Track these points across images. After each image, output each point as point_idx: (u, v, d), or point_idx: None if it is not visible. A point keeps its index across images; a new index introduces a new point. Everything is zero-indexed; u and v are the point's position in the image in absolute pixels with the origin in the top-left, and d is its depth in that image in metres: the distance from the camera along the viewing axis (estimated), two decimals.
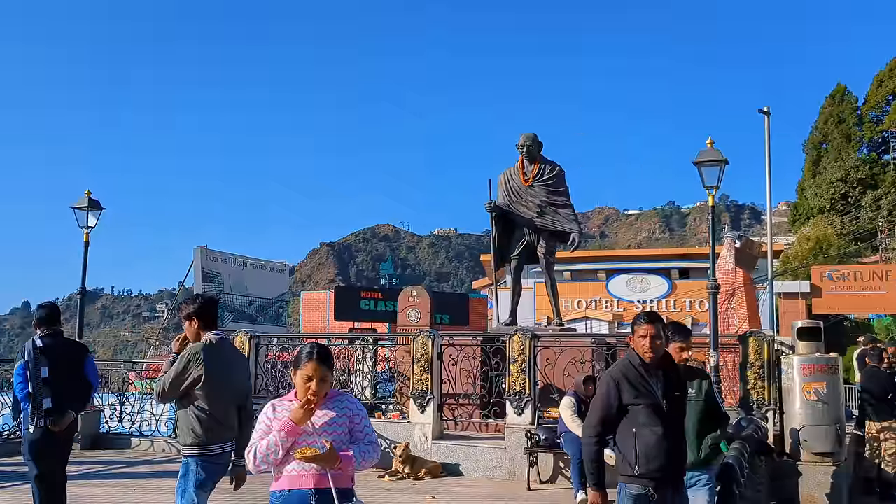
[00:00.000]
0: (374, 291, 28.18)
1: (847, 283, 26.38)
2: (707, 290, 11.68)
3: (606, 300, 31.47)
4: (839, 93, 52.30)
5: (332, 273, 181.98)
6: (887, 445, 9.91)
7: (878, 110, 51.79)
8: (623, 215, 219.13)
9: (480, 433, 11.26)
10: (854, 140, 50.81)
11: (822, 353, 9.32)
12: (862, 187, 48.02)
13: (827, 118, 51.92)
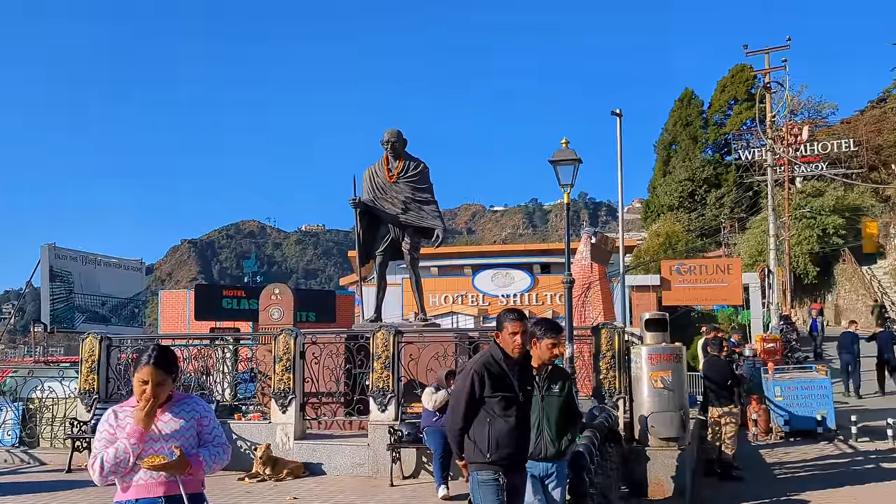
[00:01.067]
0: (237, 290, 27.49)
1: (693, 276, 27.89)
2: (563, 284, 12.09)
3: (472, 295, 32.02)
4: (687, 97, 55.47)
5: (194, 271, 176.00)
6: (727, 429, 10.60)
7: (722, 114, 55.34)
8: (489, 212, 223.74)
9: (344, 431, 11.20)
10: (700, 142, 54.02)
11: (668, 343, 9.86)
12: (707, 186, 51.16)
13: (676, 121, 54.96)
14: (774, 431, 13.59)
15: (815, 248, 37.80)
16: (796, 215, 37.96)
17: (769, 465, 11.59)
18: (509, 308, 4.93)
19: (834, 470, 11.08)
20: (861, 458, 11.71)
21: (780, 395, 13.58)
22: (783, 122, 35.11)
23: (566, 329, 11.04)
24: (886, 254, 38.81)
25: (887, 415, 13.50)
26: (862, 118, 49.57)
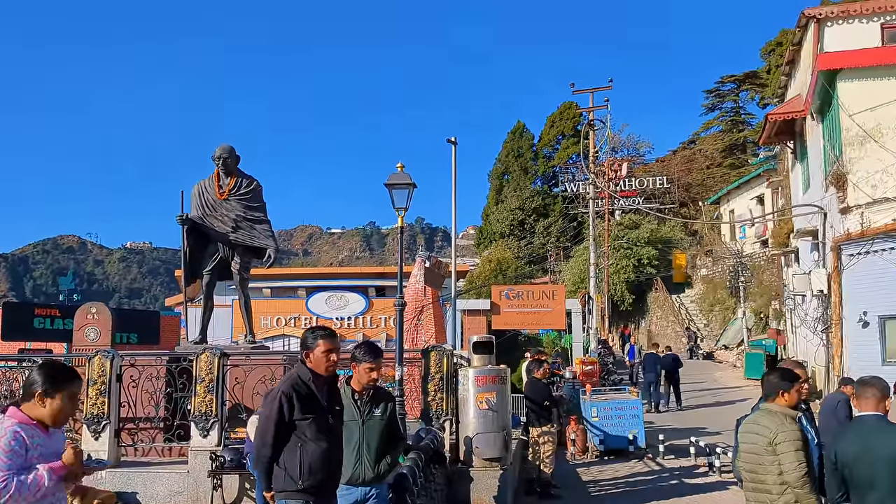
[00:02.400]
0: (51, 308, 25.50)
1: (521, 301, 28.87)
2: (395, 307, 12.19)
3: (306, 317, 31.52)
4: (519, 130, 57.85)
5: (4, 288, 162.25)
6: (545, 448, 11.06)
7: (551, 148, 58.13)
8: (326, 234, 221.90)
9: (163, 458, 10.66)
10: (530, 173, 56.41)
11: (494, 365, 10.20)
12: (536, 215, 53.45)
13: (508, 152, 57.14)
14: (591, 450, 14.30)
15: (631, 276, 40.40)
16: (615, 246, 40.41)
17: (585, 484, 12.18)
18: (317, 326, 4.83)
19: (643, 487, 11.82)
20: (667, 475, 12.56)
21: (597, 416, 14.35)
22: (605, 158, 37.36)
23: (396, 352, 11.15)
24: (693, 283, 42.08)
25: (691, 434, 14.61)
26: (674, 157, 53.74)
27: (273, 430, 4.37)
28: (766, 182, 35.08)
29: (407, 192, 11.83)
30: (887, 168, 15.44)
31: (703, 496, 10.89)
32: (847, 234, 16.20)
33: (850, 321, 15.97)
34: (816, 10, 20.45)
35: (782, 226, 26.17)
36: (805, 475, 5.03)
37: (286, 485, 4.37)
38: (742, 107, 55.85)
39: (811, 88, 18.61)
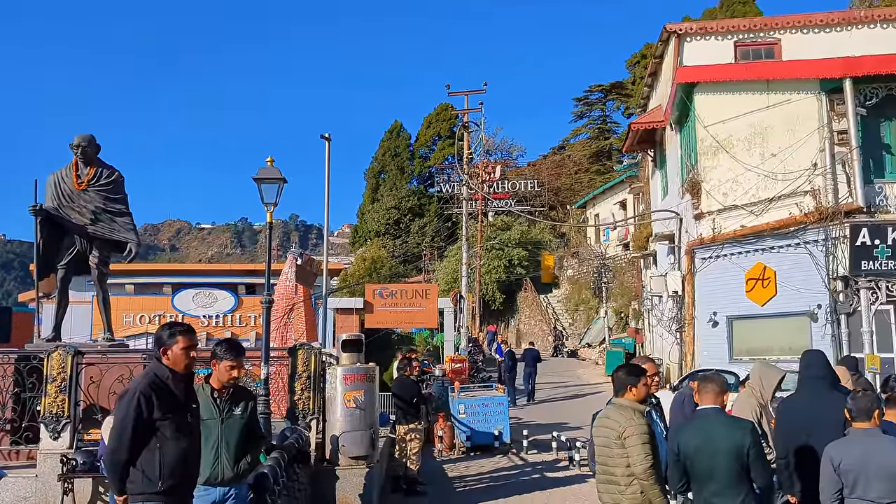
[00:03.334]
0: None
1: (395, 299, 28.92)
2: (262, 305, 11.98)
3: (171, 315, 30.39)
4: (396, 129, 58.02)
5: None
6: (412, 445, 11.19)
7: (427, 148, 58.61)
8: (195, 229, 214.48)
9: (9, 462, 10.05)
10: (407, 173, 56.70)
11: (362, 363, 10.21)
12: (412, 215, 53.77)
13: (385, 151, 57.21)
14: (457, 447, 14.56)
15: (502, 276, 41.35)
16: (487, 246, 41.24)
17: (451, 479, 12.38)
18: (174, 322, 4.69)
19: (506, 481, 12.13)
20: (529, 469, 12.96)
21: (464, 413, 14.62)
22: (479, 160, 38.07)
23: (262, 350, 10.96)
24: (560, 284, 43.52)
25: (553, 429, 15.12)
26: (545, 162, 55.39)
27: (130, 430, 4.18)
28: (629, 188, 36.76)
29: (277, 186, 11.63)
30: (737, 177, 16.50)
31: (563, 489, 11.30)
32: (700, 239, 17.22)
33: (701, 321, 16.99)
34: (677, 26, 21.61)
35: (642, 230, 27.50)
36: (651, 467, 5.31)
37: (145, 487, 4.21)
38: (609, 115, 58.24)
39: (671, 100, 19.66)
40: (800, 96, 15.37)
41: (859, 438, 5.29)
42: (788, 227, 15.14)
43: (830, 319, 14.30)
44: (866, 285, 13.91)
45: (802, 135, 15.16)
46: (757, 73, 16.95)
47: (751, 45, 21.05)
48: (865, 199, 13.99)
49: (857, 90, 14.18)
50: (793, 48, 20.34)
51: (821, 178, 14.65)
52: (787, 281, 15.16)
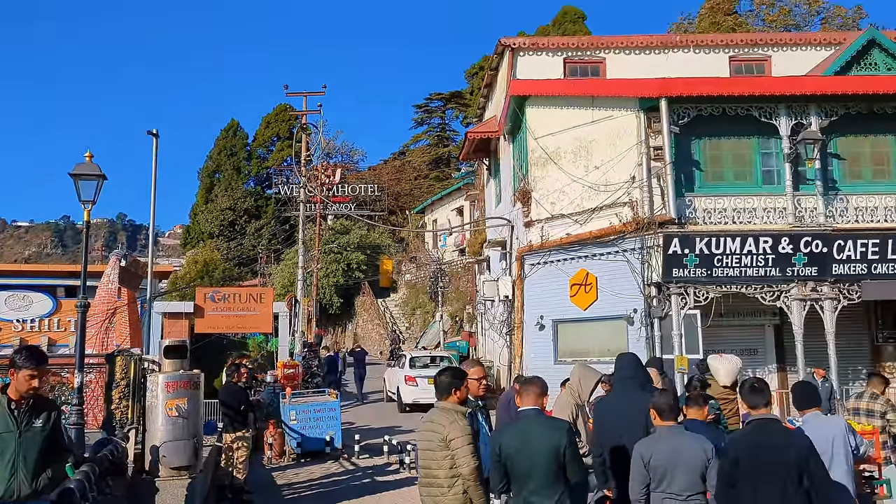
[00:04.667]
0: None
1: (228, 303, 27.90)
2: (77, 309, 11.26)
3: None
4: (233, 128, 56.34)
5: None
6: (239, 454, 10.88)
7: (265, 148, 57.33)
8: (11, 227, 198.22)
9: None
10: (243, 173, 55.19)
11: (187, 370, 9.80)
12: (248, 217, 52.38)
13: (221, 150, 55.40)
14: (288, 454, 14.30)
15: (340, 280, 41.09)
16: (325, 250, 40.84)
17: (280, 487, 12.15)
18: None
19: (336, 487, 12.06)
20: (360, 474, 12.94)
21: (295, 419, 14.39)
22: (319, 163, 37.65)
23: (77, 357, 10.30)
24: (398, 288, 43.84)
25: (386, 432, 15.19)
26: (386, 167, 55.67)
27: None
28: (466, 195, 37.63)
29: (96, 183, 10.98)
30: (564, 188, 17.24)
31: (393, 492, 11.37)
32: (529, 246, 17.87)
33: (529, 324, 17.62)
34: (512, 40, 22.38)
35: (477, 236, 28.24)
36: (476, 468, 5.45)
37: None
38: (448, 123, 59.42)
39: (504, 111, 20.31)
40: (621, 113, 16.28)
41: (666, 436, 5.66)
42: (609, 236, 15.99)
43: (645, 323, 15.24)
44: (677, 291, 14.94)
45: (623, 149, 16.06)
46: (583, 90, 17.82)
47: (578, 63, 22.15)
48: (677, 212, 15.02)
49: (671, 109, 15.18)
50: (616, 67, 21.62)
51: (638, 191, 15.57)
52: (608, 286, 16.02)
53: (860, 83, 15.45)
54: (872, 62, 16.95)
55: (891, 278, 14.88)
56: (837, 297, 14.91)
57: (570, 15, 40.43)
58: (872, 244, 14.74)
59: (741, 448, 5.34)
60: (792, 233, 14.80)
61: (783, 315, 15.46)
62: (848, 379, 16.12)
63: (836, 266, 14.82)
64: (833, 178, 15.50)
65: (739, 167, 15.78)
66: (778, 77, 18.30)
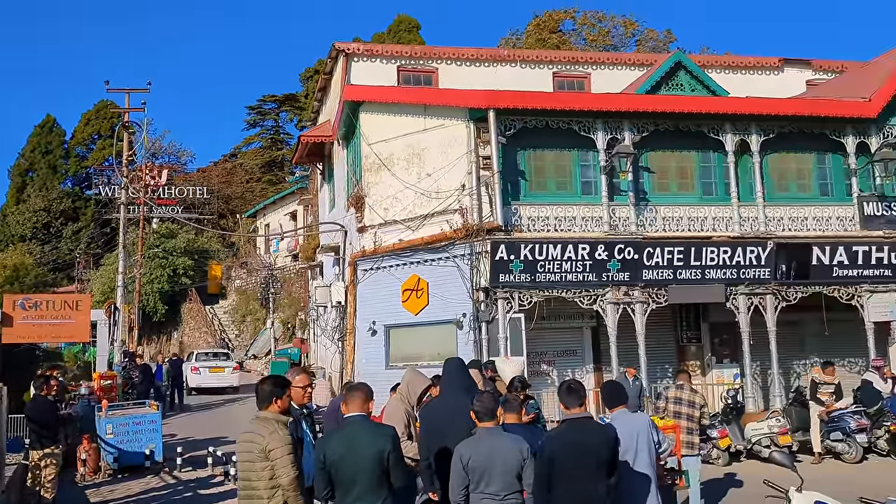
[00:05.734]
0: None
1: (40, 311, 26.06)
2: None
3: None
4: (48, 124, 52.58)
5: None
6: (47, 472, 10.15)
7: (84, 147, 53.90)
8: None
9: None
10: (60, 172, 51.62)
11: None
12: (64, 218, 49.00)
13: (35, 147, 51.57)
14: (103, 469, 13.49)
15: (165, 286, 39.24)
16: (150, 254, 38.92)
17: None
18: None
19: (155, 503, 11.52)
20: (182, 488, 12.43)
21: (112, 432, 13.59)
22: (143, 163, 35.87)
23: None
24: (227, 294, 42.53)
25: (210, 443, 14.68)
26: (216, 169, 53.90)
27: None
28: (299, 200, 37.14)
29: None
30: (397, 194, 17.40)
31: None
32: (362, 251, 17.91)
33: (361, 330, 17.65)
34: (346, 45, 22.38)
35: (310, 241, 27.95)
36: (296, 478, 5.39)
37: None
38: (282, 126, 58.37)
39: (338, 116, 20.25)
40: (452, 122, 16.66)
41: (484, 437, 5.83)
42: (440, 242, 16.31)
43: (473, 327, 15.66)
44: (503, 296, 15.47)
45: (454, 157, 16.44)
46: (416, 98, 18.08)
47: (412, 71, 22.49)
48: (504, 219, 15.55)
49: (499, 120, 15.71)
50: (448, 77, 22.14)
51: (468, 199, 16.01)
52: (438, 291, 16.33)
53: (668, 102, 16.65)
54: (679, 83, 18.35)
55: (693, 283, 16.16)
56: (647, 301, 16.00)
57: (405, 24, 40.92)
58: (678, 251, 15.95)
59: (556, 447, 5.61)
60: (607, 240, 15.74)
61: (599, 318, 16.38)
62: (656, 377, 17.31)
63: (646, 272, 15.90)
64: (644, 189, 16.63)
65: (561, 178, 16.59)
66: (596, 94, 19.40)
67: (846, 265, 16.52)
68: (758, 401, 16.72)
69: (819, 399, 14.03)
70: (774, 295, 16.43)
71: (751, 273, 16.27)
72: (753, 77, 23.59)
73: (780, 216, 16.69)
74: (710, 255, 16.09)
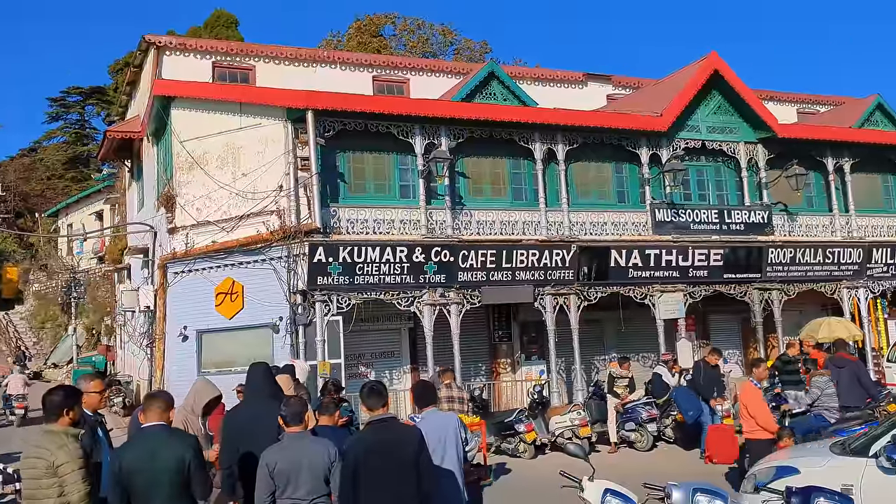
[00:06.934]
0: None
1: None
2: None
3: None
4: None
5: None
6: None
7: None
8: None
9: None
10: None
11: None
12: None
13: None
14: None
15: None
16: None
17: None
18: None
19: None
20: None
21: None
22: None
23: None
24: (25, 299, 39.32)
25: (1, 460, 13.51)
26: (12, 164, 49.60)
27: None
28: (106, 199, 34.98)
29: None
30: (210, 194, 16.87)
31: None
32: (173, 253, 17.20)
33: (172, 335, 16.94)
34: (157, 38, 21.38)
35: (117, 243, 26.41)
36: (87, 494, 5.14)
37: None
38: (88, 120, 54.66)
39: (148, 111, 19.35)
40: (270, 122, 16.37)
41: (291, 442, 5.81)
42: (256, 244, 15.98)
43: (290, 330, 15.47)
44: (321, 298, 15.39)
45: (271, 158, 16.16)
46: (232, 95, 17.59)
47: (228, 68, 21.87)
48: (322, 221, 15.48)
49: (318, 121, 15.61)
50: (266, 76, 21.72)
51: (286, 200, 15.80)
52: (254, 295, 16.00)
53: (482, 110, 17.27)
54: (493, 92, 19.07)
55: (505, 284, 16.87)
56: (462, 302, 16.51)
57: (223, 19, 39.57)
58: (490, 254, 16.59)
59: (360, 449, 5.70)
60: (424, 243, 16.08)
61: (417, 319, 16.71)
62: (470, 375, 17.92)
63: (461, 274, 16.41)
64: (460, 194, 17.15)
65: (380, 181, 16.77)
66: (415, 99, 19.75)
67: (640, 267, 17.88)
68: (562, 395, 17.72)
69: (615, 392, 15.10)
70: (577, 295, 17.48)
71: (556, 274, 17.22)
72: (560, 90, 24.93)
73: (582, 221, 17.76)
74: (520, 257, 16.85)
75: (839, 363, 11.85)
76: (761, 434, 9.54)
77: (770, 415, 10.08)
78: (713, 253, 18.50)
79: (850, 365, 11.82)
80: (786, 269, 19.34)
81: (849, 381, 11.48)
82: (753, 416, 9.67)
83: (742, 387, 10.52)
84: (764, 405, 10.04)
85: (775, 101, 27.00)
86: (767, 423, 9.65)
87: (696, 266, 18.40)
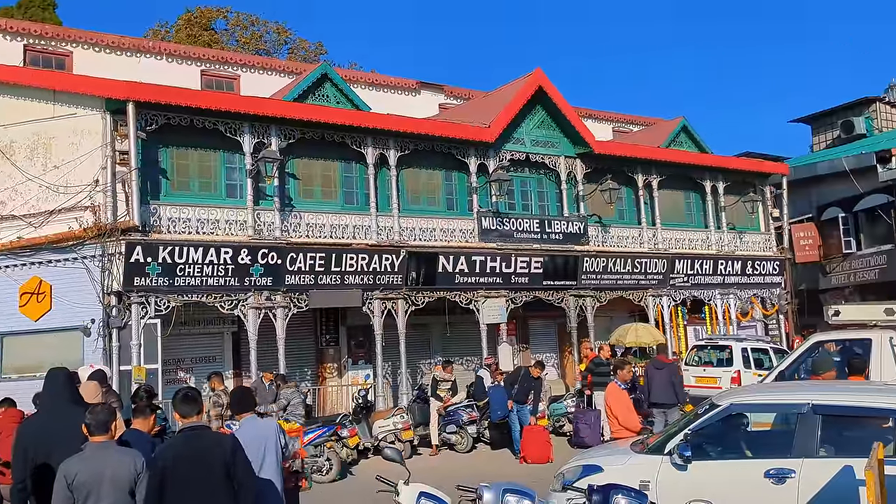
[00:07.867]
0: None
1: None
2: None
3: None
4: None
5: None
6: None
7: None
8: None
9: None
10: None
11: None
12: None
13: None
14: None
15: None
16: None
17: None
18: None
19: None
20: None
21: None
22: None
23: None
24: None
25: None
26: None
27: None
28: None
29: None
30: (17, 186, 15.69)
31: None
32: None
33: None
34: None
35: None
36: None
37: None
38: None
39: None
40: (86, 112, 15.43)
41: (93, 452, 5.51)
42: (67, 242, 14.99)
43: (103, 333, 14.63)
44: (138, 300, 14.68)
45: (87, 150, 15.24)
46: (44, 81, 16.40)
47: (42, 52, 20.43)
48: (141, 219, 14.78)
49: (139, 114, 14.87)
50: (84, 63, 20.44)
51: (102, 195, 14.96)
52: (64, 295, 15.00)
53: (314, 111, 17.15)
54: (325, 94, 18.98)
55: (334, 288, 16.84)
56: (289, 306, 16.31)
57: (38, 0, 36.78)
58: (320, 257, 16.50)
59: (170, 455, 5.54)
60: (251, 245, 15.75)
61: (241, 323, 16.32)
62: (295, 379, 17.71)
63: (288, 277, 16.20)
64: (290, 195, 16.94)
65: (206, 179, 16.25)
66: (244, 96, 19.25)
67: (466, 273, 18.42)
68: (388, 399, 17.94)
69: (438, 395, 15.46)
70: (405, 299, 17.75)
71: (385, 279, 17.40)
72: (394, 96, 25.20)
73: (412, 226, 18.08)
74: (349, 261, 16.88)
75: (658, 365, 13.14)
76: (624, 433, 10.18)
77: (633, 415, 10.81)
78: (534, 261, 19.38)
79: (668, 367, 13.00)
80: (598, 278, 20.60)
81: (662, 382, 12.61)
82: (616, 416, 10.31)
83: (607, 388, 11.24)
84: (627, 406, 10.72)
85: (594, 118, 28.69)
86: (629, 423, 10.30)
87: (518, 273, 19.20)
